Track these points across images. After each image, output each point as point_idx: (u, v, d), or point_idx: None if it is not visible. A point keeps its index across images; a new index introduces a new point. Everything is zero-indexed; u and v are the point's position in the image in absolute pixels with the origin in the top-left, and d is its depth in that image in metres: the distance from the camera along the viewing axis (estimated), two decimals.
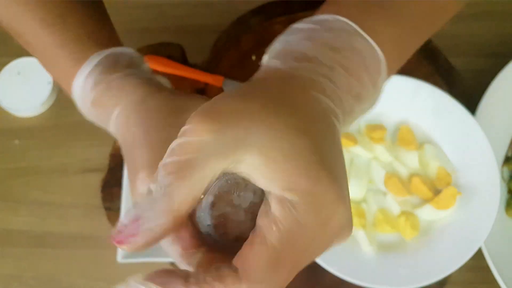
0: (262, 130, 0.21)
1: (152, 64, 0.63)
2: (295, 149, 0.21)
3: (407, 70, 0.46)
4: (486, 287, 0.55)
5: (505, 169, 0.59)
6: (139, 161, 0.27)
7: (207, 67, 0.64)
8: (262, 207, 0.22)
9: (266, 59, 0.27)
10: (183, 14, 0.71)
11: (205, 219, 0.24)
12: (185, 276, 0.21)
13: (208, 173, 0.21)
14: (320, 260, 0.51)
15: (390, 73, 0.28)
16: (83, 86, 0.31)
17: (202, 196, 0.22)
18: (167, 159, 0.21)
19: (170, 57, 0.64)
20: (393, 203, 0.56)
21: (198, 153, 0.20)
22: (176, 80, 0.64)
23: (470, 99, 0.60)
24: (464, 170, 0.57)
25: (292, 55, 0.25)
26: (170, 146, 0.21)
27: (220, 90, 0.63)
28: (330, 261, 0.51)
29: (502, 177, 0.59)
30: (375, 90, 0.27)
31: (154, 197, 0.21)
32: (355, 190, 0.56)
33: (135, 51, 0.33)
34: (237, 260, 0.21)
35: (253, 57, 0.65)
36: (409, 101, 0.59)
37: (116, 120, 0.30)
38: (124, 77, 0.30)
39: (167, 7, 0.71)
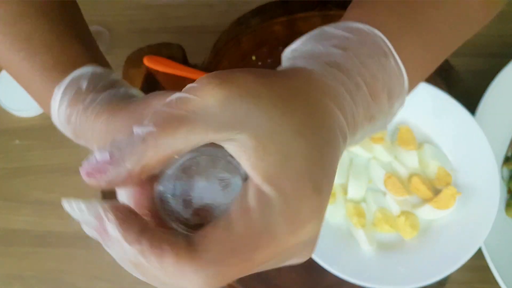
0: (264, 118, 0.20)
1: (152, 64, 0.63)
2: (290, 149, 0.20)
3: None
4: (486, 287, 0.56)
5: (505, 169, 0.59)
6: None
7: (208, 68, 0.65)
8: (241, 191, 0.20)
9: (288, 55, 0.26)
10: (184, 14, 0.71)
11: (169, 188, 0.22)
12: (144, 226, 0.20)
13: (194, 138, 0.19)
14: (319, 260, 0.51)
15: (407, 94, 0.27)
16: (59, 121, 0.31)
17: (177, 157, 0.21)
18: (160, 107, 0.20)
19: (170, 57, 0.64)
20: (393, 203, 0.56)
21: (193, 114, 0.19)
22: (177, 80, 0.64)
23: (470, 99, 0.60)
24: (464, 170, 0.56)
25: (323, 60, 0.24)
26: (169, 97, 0.20)
27: None
28: (330, 261, 0.51)
29: (502, 177, 0.59)
30: (390, 114, 0.26)
31: (132, 141, 0.20)
32: (355, 189, 0.56)
33: (97, 66, 0.31)
34: (197, 236, 0.20)
35: (253, 57, 0.65)
36: (409, 101, 0.58)
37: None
38: (87, 108, 0.29)
39: (167, 8, 0.72)
